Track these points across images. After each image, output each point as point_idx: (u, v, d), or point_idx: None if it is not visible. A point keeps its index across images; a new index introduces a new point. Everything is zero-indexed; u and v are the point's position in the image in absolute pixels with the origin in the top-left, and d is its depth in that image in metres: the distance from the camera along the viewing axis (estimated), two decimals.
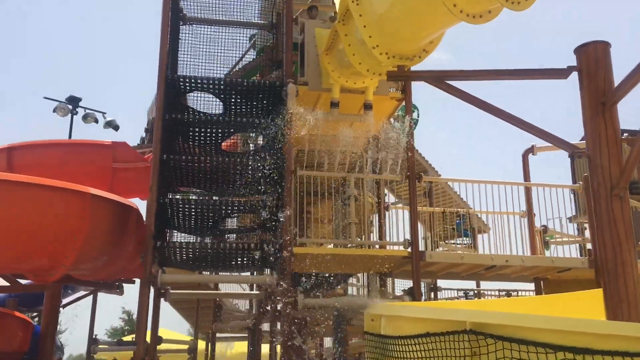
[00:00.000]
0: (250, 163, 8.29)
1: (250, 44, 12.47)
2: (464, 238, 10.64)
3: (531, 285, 12.28)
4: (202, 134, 8.68)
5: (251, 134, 9.09)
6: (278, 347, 9.54)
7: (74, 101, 22.66)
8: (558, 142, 5.64)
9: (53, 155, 10.95)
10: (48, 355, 10.69)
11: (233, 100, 8.82)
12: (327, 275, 9.97)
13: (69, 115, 22.50)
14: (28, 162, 10.65)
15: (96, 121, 23.27)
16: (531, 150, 10.77)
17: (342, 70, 8.14)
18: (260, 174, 8.37)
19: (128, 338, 17.21)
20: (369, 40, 6.12)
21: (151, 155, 11.54)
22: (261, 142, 8.93)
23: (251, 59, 12.55)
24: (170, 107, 8.69)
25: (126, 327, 53.07)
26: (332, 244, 8.63)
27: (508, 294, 14.06)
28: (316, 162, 9.64)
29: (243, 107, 8.92)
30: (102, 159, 10.94)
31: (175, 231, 8.95)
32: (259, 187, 8.58)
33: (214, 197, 8.33)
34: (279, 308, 9.15)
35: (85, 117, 22.99)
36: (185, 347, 15.32)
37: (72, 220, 6.99)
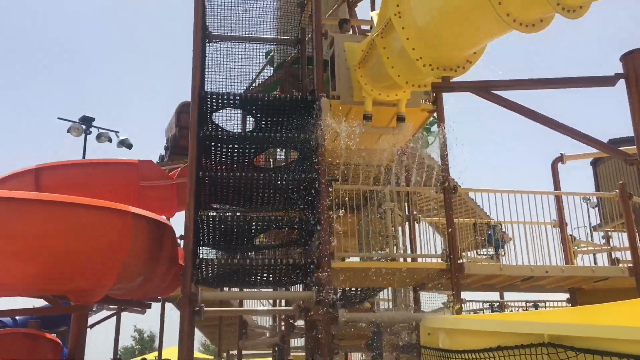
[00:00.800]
0: (285, 178, 8.25)
1: (267, 59, 12.53)
2: (497, 249, 10.53)
3: (560, 296, 12.20)
4: (235, 150, 8.66)
5: (283, 149, 9.04)
6: None
7: (87, 121, 22.80)
8: (611, 151, 5.58)
9: (80, 175, 10.95)
10: None
11: (264, 115, 8.82)
12: (354, 289, 9.89)
13: (83, 134, 22.68)
14: (56, 182, 10.64)
15: (110, 140, 23.43)
16: (560, 159, 10.72)
17: (376, 83, 8.13)
18: (296, 189, 8.34)
19: (138, 358, 17.14)
20: (413, 52, 6.10)
21: (175, 173, 11.56)
22: (295, 157, 8.88)
23: (268, 74, 12.60)
24: (202, 124, 8.71)
25: (137, 346, 52.90)
26: (372, 257, 8.52)
27: (535, 305, 13.94)
28: (348, 174, 9.62)
29: (275, 122, 8.90)
30: (129, 178, 10.91)
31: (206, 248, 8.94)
32: (296, 203, 8.55)
33: (250, 214, 8.28)
34: (317, 323, 9.09)
35: (99, 137, 23.15)
36: None
37: (114, 240, 6.94)
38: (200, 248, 8.85)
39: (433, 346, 5.23)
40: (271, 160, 10.84)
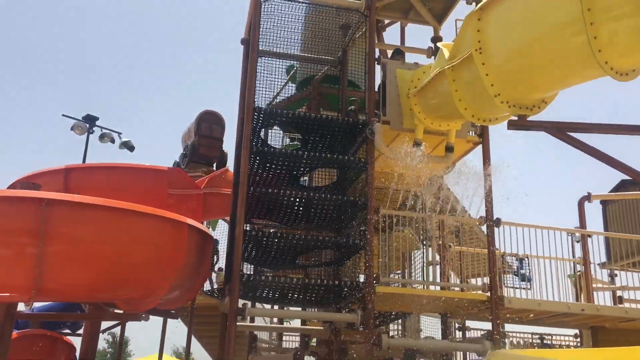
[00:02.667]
0: (333, 199, 8.30)
1: (289, 75, 12.60)
2: (524, 283, 10.67)
3: (568, 331, 12.41)
4: (282, 167, 8.69)
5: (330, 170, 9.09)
6: None
7: (90, 120, 22.59)
8: None
9: (110, 179, 10.85)
10: None
11: (313, 135, 8.87)
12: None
13: (86, 133, 22.47)
14: (85, 184, 10.53)
15: (112, 141, 23.21)
16: (588, 197, 10.92)
17: (431, 112, 8.24)
18: (343, 211, 8.39)
19: None
20: (491, 88, 6.21)
21: (203, 182, 11.49)
22: (342, 179, 8.93)
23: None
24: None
25: (109, 349, 52.05)
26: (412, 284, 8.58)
27: (541, 338, 14.10)
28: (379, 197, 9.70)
29: (321, 142, 8.97)
30: (158, 185, 10.83)
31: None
32: (342, 224, 8.60)
33: (296, 232, 8.29)
34: (347, 345, 9.10)
35: (101, 137, 22.94)
36: None
37: (170, 251, 6.89)
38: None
39: None
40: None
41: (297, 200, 8.26)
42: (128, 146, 23.91)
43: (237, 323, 8.25)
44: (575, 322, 9.87)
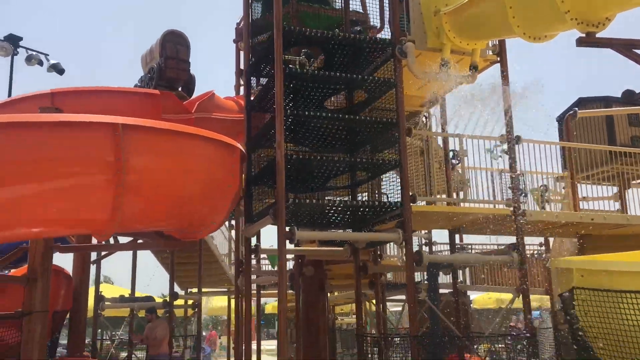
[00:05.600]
0: (364, 120, 8.22)
1: None
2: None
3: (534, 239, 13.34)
4: (309, 90, 8.44)
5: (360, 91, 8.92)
6: None
7: (13, 40, 20.69)
8: None
9: (100, 103, 10.13)
10: (84, 313, 10.26)
11: (339, 55, 8.64)
12: None
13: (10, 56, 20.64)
14: (75, 109, 9.80)
15: (40, 63, 21.40)
16: (574, 115, 11.47)
17: (464, 31, 8.23)
18: (374, 132, 8.36)
19: None
20: (562, 4, 6.28)
21: (192, 106, 10.98)
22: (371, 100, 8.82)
23: None
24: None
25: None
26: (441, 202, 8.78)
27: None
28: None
29: (348, 62, 8.76)
30: (152, 109, 10.25)
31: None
32: (375, 145, 8.58)
33: (329, 155, 8.18)
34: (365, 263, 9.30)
35: (29, 59, 21.10)
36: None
37: (227, 176, 6.61)
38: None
39: (591, 287, 5.67)
40: None
41: (330, 122, 8.11)
42: (57, 69, 22.13)
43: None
44: (564, 232, 10.58)
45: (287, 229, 7.39)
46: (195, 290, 17.03)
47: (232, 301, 22.82)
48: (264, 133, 8.79)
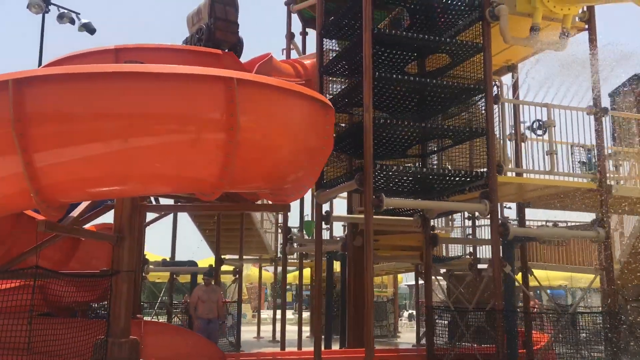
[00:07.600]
0: (452, 85, 7.89)
1: None
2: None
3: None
4: (393, 54, 8.08)
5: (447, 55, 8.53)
6: None
7: None
8: None
9: (164, 60, 9.80)
10: (138, 275, 10.17)
11: (423, 16, 8.27)
12: None
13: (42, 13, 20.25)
14: None
15: (72, 22, 21.00)
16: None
17: None
18: (463, 96, 8.04)
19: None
20: None
21: (251, 68, 10.63)
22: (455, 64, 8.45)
23: None
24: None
25: None
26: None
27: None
28: None
29: (431, 25, 8.38)
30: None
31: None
32: (461, 111, 8.26)
33: (421, 124, 7.84)
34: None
35: (60, 17, 20.68)
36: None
37: (321, 138, 6.27)
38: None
39: None
40: None
41: (418, 87, 7.78)
42: (89, 29, 21.70)
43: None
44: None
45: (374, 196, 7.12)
46: (235, 256, 16.68)
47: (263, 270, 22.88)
48: (339, 97, 8.47)
